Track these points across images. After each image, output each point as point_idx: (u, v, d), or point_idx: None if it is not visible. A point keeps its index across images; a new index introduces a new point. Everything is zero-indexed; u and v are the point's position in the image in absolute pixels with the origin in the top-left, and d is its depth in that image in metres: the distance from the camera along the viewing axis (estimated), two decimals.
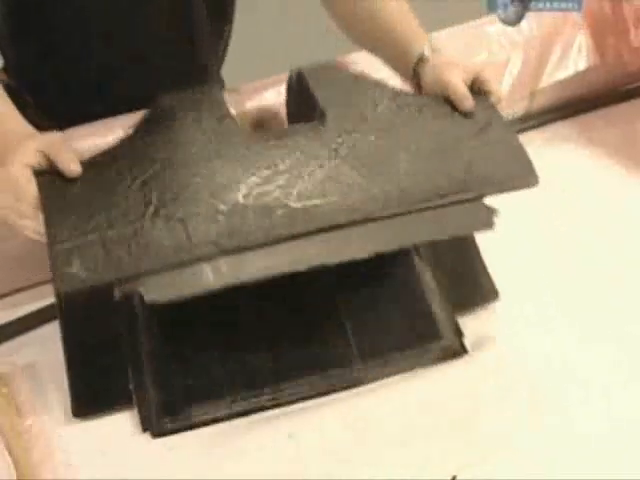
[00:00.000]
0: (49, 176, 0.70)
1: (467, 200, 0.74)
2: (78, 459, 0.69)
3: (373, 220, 0.71)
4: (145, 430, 0.71)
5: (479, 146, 0.77)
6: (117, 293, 0.65)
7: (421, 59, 0.82)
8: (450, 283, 0.81)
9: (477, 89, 0.80)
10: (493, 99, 0.81)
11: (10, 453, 0.66)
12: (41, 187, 0.69)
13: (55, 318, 0.80)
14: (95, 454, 0.69)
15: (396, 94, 0.82)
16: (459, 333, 0.79)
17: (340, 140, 0.75)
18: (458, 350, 0.78)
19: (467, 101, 0.78)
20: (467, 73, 0.80)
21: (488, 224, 0.73)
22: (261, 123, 0.92)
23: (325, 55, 0.96)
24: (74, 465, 0.68)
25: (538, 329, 0.81)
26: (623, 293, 0.85)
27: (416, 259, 0.80)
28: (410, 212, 0.72)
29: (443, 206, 0.73)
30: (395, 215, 0.72)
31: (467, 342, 0.79)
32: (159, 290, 0.65)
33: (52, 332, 0.79)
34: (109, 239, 0.66)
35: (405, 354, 0.77)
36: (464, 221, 0.74)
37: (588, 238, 0.92)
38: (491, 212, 0.74)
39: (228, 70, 1.09)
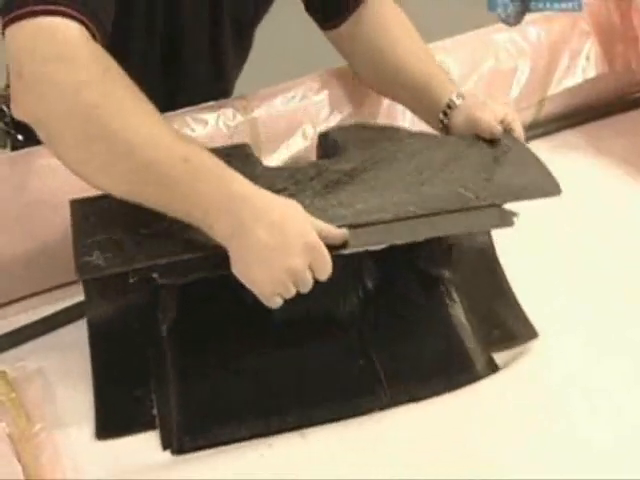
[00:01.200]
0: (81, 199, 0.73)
1: (488, 206, 0.75)
2: (87, 464, 0.69)
3: (391, 222, 0.72)
4: (165, 448, 0.70)
5: (500, 165, 0.79)
6: (132, 279, 0.67)
7: (449, 105, 0.84)
8: (487, 326, 0.80)
9: (503, 129, 0.83)
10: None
11: (19, 458, 0.66)
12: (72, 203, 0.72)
13: (64, 324, 0.81)
14: (104, 459, 0.69)
15: (419, 133, 0.85)
16: (492, 366, 0.78)
17: (360, 165, 0.77)
18: None
19: (497, 130, 0.81)
20: (496, 113, 0.83)
21: (508, 222, 0.75)
22: None
23: (330, 62, 0.97)
24: (83, 470, 0.68)
25: (543, 332, 0.81)
26: (628, 299, 0.85)
27: (446, 299, 0.80)
28: (429, 215, 0.73)
29: (463, 210, 0.74)
30: (414, 217, 0.73)
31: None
32: (172, 274, 0.68)
33: (62, 338, 0.80)
34: (128, 238, 0.68)
35: (433, 383, 0.76)
36: (484, 219, 0.75)
37: (594, 246, 0.92)
38: (511, 214, 0.75)
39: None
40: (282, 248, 0.64)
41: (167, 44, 0.89)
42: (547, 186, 0.78)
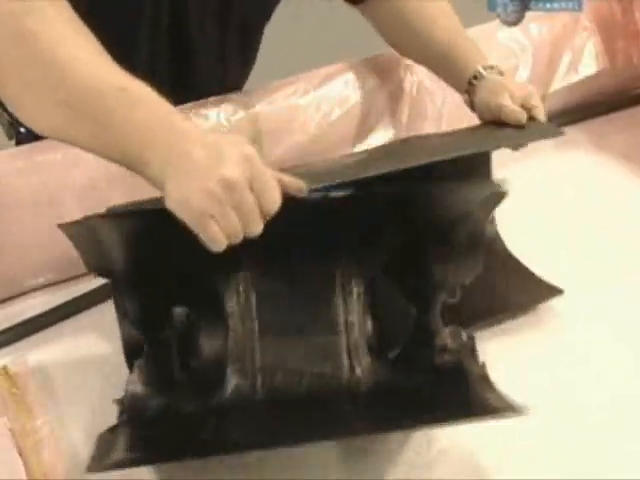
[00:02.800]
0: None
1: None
2: (88, 459, 0.68)
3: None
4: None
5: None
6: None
7: (475, 76, 0.84)
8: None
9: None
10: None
11: (21, 454, 0.67)
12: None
13: (66, 318, 0.81)
14: None
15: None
16: None
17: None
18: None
19: (521, 115, 0.79)
20: (515, 97, 0.81)
21: (557, 132, 0.78)
22: None
23: (333, 58, 0.98)
24: (84, 465, 0.68)
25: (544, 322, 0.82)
26: (630, 296, 0.86)
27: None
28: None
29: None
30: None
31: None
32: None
33: (63, 332, 0.81)
34: None
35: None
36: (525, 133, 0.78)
37: (596, 242, 0.92)
38: (558, 131, 0.78)
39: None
40: (215, 158, 0.58)
41: (174, 45, 0.88)
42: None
